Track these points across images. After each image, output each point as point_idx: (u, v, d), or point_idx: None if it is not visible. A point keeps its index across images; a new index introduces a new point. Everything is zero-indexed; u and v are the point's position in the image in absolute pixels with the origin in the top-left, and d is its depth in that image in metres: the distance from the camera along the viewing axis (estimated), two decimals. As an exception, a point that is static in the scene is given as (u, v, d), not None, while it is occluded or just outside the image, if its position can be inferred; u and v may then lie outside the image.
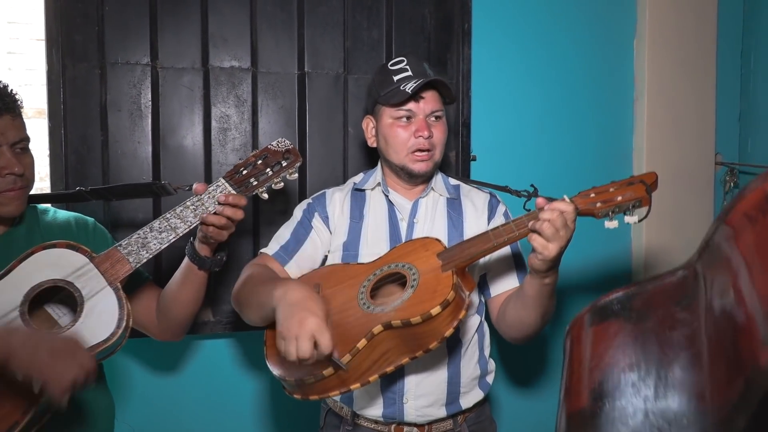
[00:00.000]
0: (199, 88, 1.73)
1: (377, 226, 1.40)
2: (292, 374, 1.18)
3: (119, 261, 1.19)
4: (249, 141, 1.76)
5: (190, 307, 1.35)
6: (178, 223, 1.23)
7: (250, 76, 1.76)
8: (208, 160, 1.74)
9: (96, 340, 1.11)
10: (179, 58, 1.71)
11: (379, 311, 1.18)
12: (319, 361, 1.11)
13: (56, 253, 1.16)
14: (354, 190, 1.47)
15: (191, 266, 1.30)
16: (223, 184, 1.27)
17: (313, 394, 1.20)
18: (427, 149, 1.36)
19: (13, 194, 1.17)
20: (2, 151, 1.14)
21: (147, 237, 1.21)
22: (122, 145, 1.68)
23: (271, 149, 1.32)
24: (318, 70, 1.81)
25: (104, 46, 1.66)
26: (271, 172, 1.30)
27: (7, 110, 1.14)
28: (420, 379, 1.33)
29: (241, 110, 1.76)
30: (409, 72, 1.36)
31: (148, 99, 1.69)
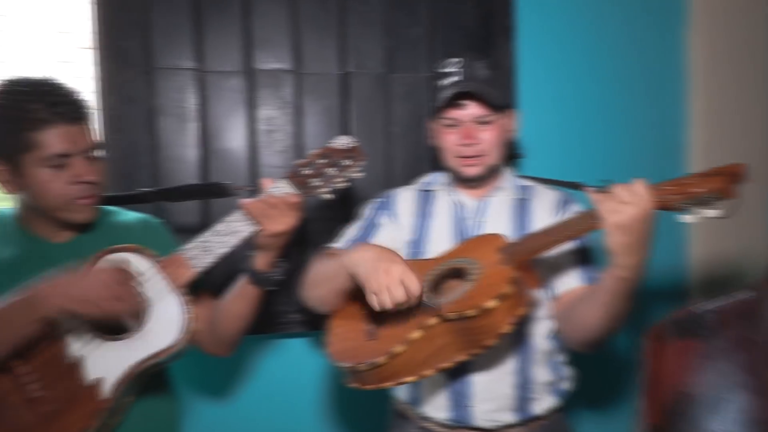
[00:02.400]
0: (243, 91, 1.74)
1: (443, 226, 1.38)
2: (349, 360, 1.19)
3: (183, 265, 1.17)
4: (294, 142, 1.77)
5: (238, 322, 1.30)
6: (240, 226, 1.20)
7: (293, 78, 1.76)
8: (254, 163, 1.74)
9: (162, 346, 1.11)
10: (223, 62, 1.73)
11: (436, 304, 1.18)
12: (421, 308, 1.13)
13: (123, 257, 1.16)
14: (421, 190, 1.46)
15: (245, 278, 1.27)
16: (285, 185, 1.22)
17: (369, 383, 1.19)
18: (473, 155, 1.34)
19: (86, 202, 1.17)
20: (75, 160, 1.14)
21: (210, 241, 1.19)
22: (170, 150, 1.70)
23: (333, 148, 1.25)
24: (360, 69, 1.80)
25: (151, 52, 1.69)
26: (333, 171, 1.24)
27: (79, 119, 1.14)
28: (487, 382, 1.30)
29: (285, 112, 1.76)
30: (457, 77, 1.34)
31: (194, 103, 1.71)
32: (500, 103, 1.35)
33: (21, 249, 1.20)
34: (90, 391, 1.08)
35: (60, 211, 1.17)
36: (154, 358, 1.11)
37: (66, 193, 1.15)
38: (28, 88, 1.12)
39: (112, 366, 1.09)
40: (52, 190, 1.14)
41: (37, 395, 1.07)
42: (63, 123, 1.11)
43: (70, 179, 1.14)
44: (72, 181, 1.14)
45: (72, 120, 1.12)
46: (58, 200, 1.15)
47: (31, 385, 1.08)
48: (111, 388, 1.09)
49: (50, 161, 1.12)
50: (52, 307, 1.03)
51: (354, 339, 1.25)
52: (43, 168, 1.12)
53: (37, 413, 1.07)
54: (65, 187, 1.14)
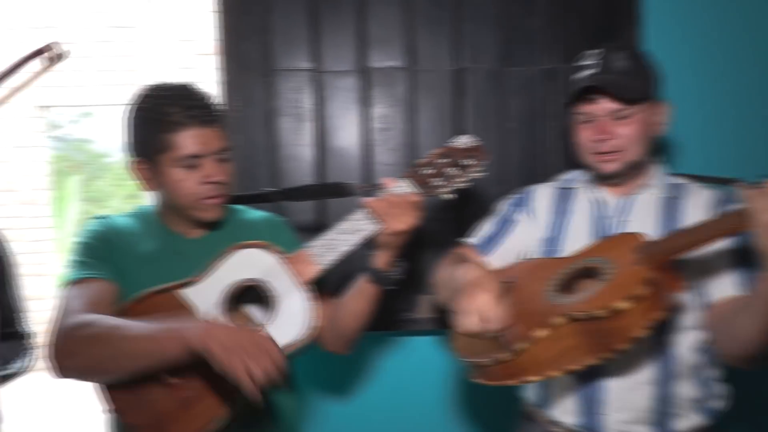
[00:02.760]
0: (357, 89, 1.75)
1: (582, 224, 1.32)
2: (472, 355, 1.19)
3: (307, 262, 1.20)
4: (408, 140, 1.76)
5: (357, 320, 1.29)
6: (363, 225, 1.21)
7: (406, 75, 1.75)
8: (369, 161, 1.76)
9: (287, 341, 1.13)
10: (338, 62, 1.75)
11: (564, 303, 1.13)
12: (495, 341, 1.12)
13: (251, 253, 1.20)
14: (560, 188, 1.41)
15: (365, 277, 1.27)
16: (406, 184, 1.22)
17: (491, 379, 1.18)
18: (609, 151, 1.26)
19: (213, 202, 1.22)
20: (206, 161, 1.19)
21: (333, 239, 1.21)
22: (287, 149, 1.75)
23: (455, 147, 1.23)
24: (474, 65, 1.76)
25: (269, 55, 1.74)
26: (454, 171, 1.23)
27: (211, 121, 1.19)
28: (622, 390, 1.22)
29: (399, 110, 1.76)
30: (592, 69, 1.27)
31: (310, 103, 1.74)
32: (638, 96, 1.25)
33: (160, 243, 1.27)
34: (222, 381, 1.12)
35: (191, 210, 1.24)
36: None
37: (196, 192, 1.20)
38: (167, 92, 1.19)
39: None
40: (184, 188, 1.20)
41: (174, 381, 1.12)
42: (196, 126, 1.17)
43: (201, 179, 1.19)
44: (202, 181, 1.19)
45: (205, 123, 1.18)
46: (189, 199, 1.21)
47: (172, 372, 1.12)
48: None
49: (183, 161, 1.18)
50: (200, 343, 1.02)
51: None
52: (176, 168, 1.18)
53: (175, 398, 1.13)
54: (196, 186, 1.20)
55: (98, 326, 1.09)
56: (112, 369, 1.10)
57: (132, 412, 1.14)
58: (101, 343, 1.08)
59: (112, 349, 1.07)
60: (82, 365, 1.10)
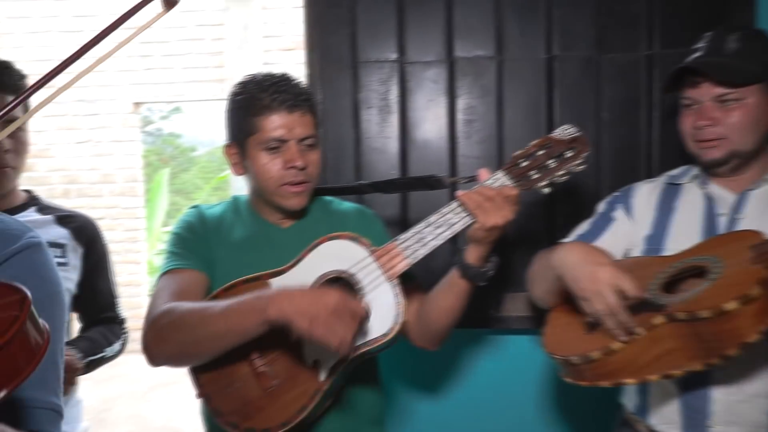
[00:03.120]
0: (443, 80, 1.72)
1: (689, 221, 1.24)
2: (564, 351, 1.13)
3: (396, 255, 1.17)
4: (494, 132, 1.71)
5: (446, 316, 1.26)
6: (454, 218, 1.17)
7: (495, 65, 1.70)
8: (453, 154, 1.72)
9: (375, 335, 1.12)
10: (425, 52, 1.72)
11: (665, 302, 1.06)
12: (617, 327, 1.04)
13: (340, 245, 1.19)
14: (666, 184, 1.33)
15: (456, 272, 1.23)
16: (501, 177, 1.18)
17: (583, 379, 1.12)
18: (711, 138, 1.17)
19: (294, 189, 1.23)
20: (289, 146, 1.21)
21: (424, 232, 1.18)
22: (372, 141, 1.74)
23: (554, 138, 1.18)
24: (567, 52, 1.68)
25: (356, 47, 1.73)
26: (554, 163, 1.16)
27: (297, 107, 1.20)
28: (731, 402, 1.13)
29: (486, 100, 1.71)
30: (700, 52, 1.19)
31: (396, 95, 1.72)
32: (746, 80, 1.15)
33: (252, 231, 1.30)
34: (309, 371, 1.12)
35: (274, 196, 1.25)
36: (366, 347, 1.12)
37: (279, 176, 1.22)
38: (260, 79, 1.23)
39: (328, 350, 1.12)
40: (267, 172, 1.22)
41: (262, 370, 1.14)
42: (282, 110, 1.20)
43: (284, 164, 1.21)
44: (285, 166, 1.21)
45: (291, 108, 1.20)
46: (272, 183, 1.23)
47: (258, 359, 1.14)
48: (327, 371, 1.12)
49: (267, 144, 1.21)
50: (277, 311, 1.03)
51: (571, 331, 1.18)
52: (261, 151, 1.22)
53: (262, 387, 1.14)
54: (279, 171, 1.22)
55: (179, 312, 1.12)
56: (197, 352, 1.13)
57: (219, 398, 1.16)
58: (184, 328, 1.10)
59: (194, 333, 1.10)
60: (170, 352, 1.14)
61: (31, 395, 0.77)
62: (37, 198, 1.49)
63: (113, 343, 1.51)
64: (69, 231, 1.45)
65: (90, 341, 1.45)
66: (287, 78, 1.24)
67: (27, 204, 1.44)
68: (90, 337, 1.47)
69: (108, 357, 1.50)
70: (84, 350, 1.41)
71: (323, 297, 1.02)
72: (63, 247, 1.43)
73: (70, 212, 1.50)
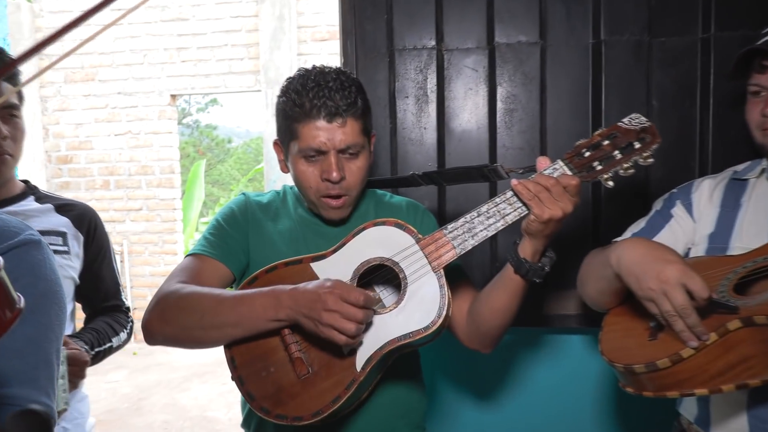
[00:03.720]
0: (483, 68, 1.64)
1: (757, 218, 1.15)
2: (624, 358, 1.05)
3: (444, 245, 1.10)
4: (536, 122, 1.63)
5: (499, 315, 1.16)
6: (508, 208, 1.08)
7: (538, 51, 1.61)
8: (493, 144, 1.64)
9: (415, 327, 1.06)
10: (464, 39, 1.65)
11: (739, 305, 0.97)
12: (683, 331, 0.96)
13: (385, 231, 1.14)
14: (731, 179, 1.23)
15: (509, 267, 1.13)
16: (561, 166, 1.08)
17: (648, 389, 1.02)
18: None
19: (333, 203, 1.19)
20: (327, 156, 1.15)
21: (474, 222, 1.10)
22: (409, 132, 1.68)
23: (622, 127, 1.08)
24: (615, 36, 1.59)
25: (392, 34, 1.67)
26: (619, 154, 1.06)
27: (338, 115, 1.13)
28: None
29: (529, 88, 1.63)
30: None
31: (434, 83, 1.66)
32: None
33: (297, 221, 1.27)
34: (344, 361, 1.08)
35: (314, 205, 1.23)
36: (405, 339, 1.06)
37: (317, 187, 1.18)
38: (307, 80, 1.16)
39: (366, 339, 1.08)
40: (306, 181, 1.19)
41: (297, 356, 1.10)
42: (321, 119, 1.13)
43: (321, 174, 1.16)
44: (322, 177, 1.16)
45: (331, 117, 1.13)
46: (311, 193, 1.20)
47: (293, 345, 1.10)
48: (362, 362, 1.07)
49: (305, 153, 1.16)
50: (285, 312, 1.05)
51: (632, 336, 1.09)
52: (300, 158, 1.17)
53: (297, 373, 1.10)
54: (317, 181, 1.17)
55: (188, 294, 1.11)
56: (200, 338, 1.11)
57: (252, 381, 1.13)
58: (191, 312, 1.09)
59: (201, 319, 1.08)
60: (171, 334, 1.12)
61: (19, 393, 0.74)
62: (35, 188, 1.47)
63: (119, 332, 1.49)
64: (69, 219, 1.43)
65: (96, 332, 1.43)
66: (334, 80, 1.15)
67: (25, 193, 1.42)
68: (95, 328, 1.45)
69: (115, 347, 1.47)
70: (90, 342, 1.39)
71: (321, 295, 1.01)
72: (64, 236, 1.41)
73: (69, 201, 1.48)
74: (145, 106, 5.82)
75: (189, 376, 4.89)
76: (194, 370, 4.99)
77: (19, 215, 1.31)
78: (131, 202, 5.92)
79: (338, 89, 1.14)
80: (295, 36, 5.33)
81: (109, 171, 5.92)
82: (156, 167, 5.88)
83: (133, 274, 6.00)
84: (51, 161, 5.96)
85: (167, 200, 5.92)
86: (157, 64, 5.74)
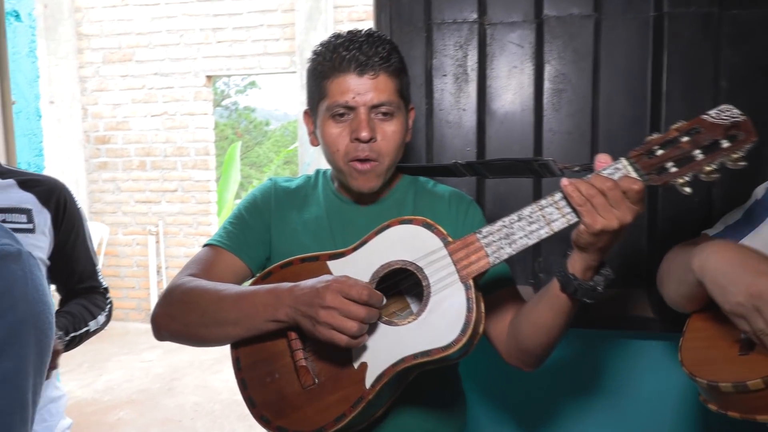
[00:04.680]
0: (530, 43, 1.50)
1: None
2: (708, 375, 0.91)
3: (476, 251, 0.95)
4: (587, 104, 1.48)
5: (539, 334, 1.02)
6: (555, 213, 0.91)
7: (592, 24, 1.46)
8: (539, 128, 1.50)
9: (434, 345, 0.92)
10: (509, 11, 1.50)
11: None
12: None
13: (411, 231, 1.00)
14: None
15: (555, 282, 0.98)
16: (624, 166, 0.89)
17: (734, 409, 0.89)
18: None
19: (360, 167, 1.08)
20: (357, 113, 1.05)
21: (513, 227, 0.94)
22: (446, 114, 1.54)
23: (707, 121, 0.87)
24: (680, 8, 1.42)
25: (430, 6, 1.53)
26: (701, 155, 0.86)
27: (370, 68, 1.04)
28: None
29: (580, 66, 1.47)
30: None
31: (475, 61, 1.52)
32: None
33: (325, 208, 1.18)
34: (353, 375, 0.97)
35: (343, 174, 1.11)
36: (422, 357, 0.93)
37: (346, 150, 1.07)
38: (338, 39, 1.08)
39: (378, 354, 0.96)
40: (334, 144, 1.08)
41: (302, 365, 1.00)
42: (351, 71, 1.04)
43: (350, 134, 1.06)
44: (352, 137, 1.06)
45: (361, 69, 1.04)
46: (339, 158, 1.09)
47: (299, 351, 1.01)
48: (373, 378, 0.95)
49: (333, 110, 1.07)
50: (284, 313, 0.96)
51: (719, 348, 0.95)
52: (329, 118, 1.08)
53: (301, 383, 1.00)
54: (346, 143, 1.07)
55: (192, 288, 1.05)
56: (204, 335, 1.05)
57: (255, 386, 1.04)
58: (194, 308, 1.03)
59: (204, 316, 1.02)
60: (176, 330, 1.07)
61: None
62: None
63: (96, 315, 1.41)
64: (34, 195, 1.34)
65: (71, 316, 1.35)
66: (366, 37, 1.06)
67: None
68: (70, 311, 1.37)
69: (92, 331, 1.39)
70: (65, 327, 1.31)
71: (319, 291, 0.91)
72: (28, 213, 1.31)
73: (34, 175, 1.39)
74: (181, 87, 5.80)
75: (221, 358, 4.90)
76: (225, 352, 4.97)
77: None
78: (167, 183, 5.93)
79: (370, 43, 1.05)
80: (332, 16, 5.20)
81: (145, 152, 5.93)
82: (191, 149, 5.87)
83: (168, 255, 6.03)
84: (89, 141, 6.01)
85: (202, 182, 5.91)
86: (193, 44, 5.69)
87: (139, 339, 5.51)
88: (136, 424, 3.69)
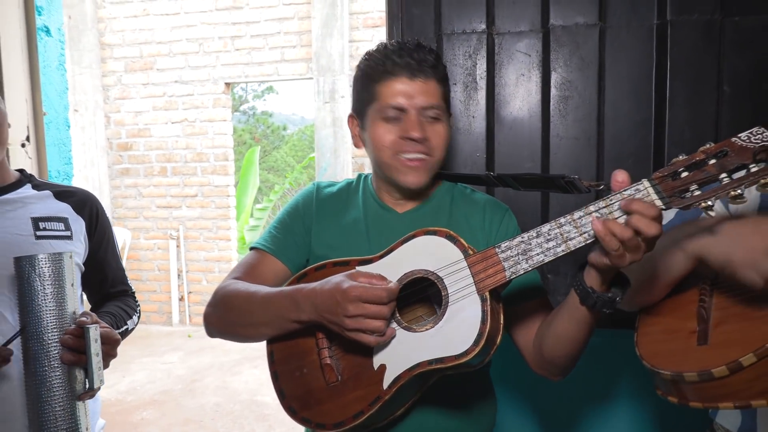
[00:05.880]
0: (537, 52, 1.55)
1: None
2: (670, 366, 0.92)
3: (494, 266, 0.96)
4: (593, 110, 1.52)
5: (563, 345, 1.03)
6: (573, 232, 0.91)
7: (597, 33, 1.51)
8: (546, 134, 1.55)
9: (448, 353, 0.96)
10: (517, 21, 1.55)
11: None
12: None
13: (435, 242, 1.03)
14: None
15: (574, 295, 0.98)
16: (646, 188, 0.86)
17: (693, 399, 0.90)
18: None
19: (411, 162, 1.13)
20: (408, 115, 1.11)
21: (531, 243, 0.94)
22: (456, 121, 1.60)
23: (736, 144, 0.82)
24: (683, 16, 1.46)
25: (440, 17, 1.59)
26: (727, 179, 0.82)
27: (421, 72, 1.11)
28: None
29: (586, 74, 1.52)
30: None
31: (484, 69, 1.57)
32: None
33: (364, 212, 1.22)
34: (373, 376, 1.02)
35: (390, 169, 1.16)
36: (436, 364, 0.97)
37: (396, 147, 1.13)
38: (387, 47, 1.15)
39: (396, 357, 1.01)
40: (384, 142, 1.14)
41: (327, 362, 1.06)
42: (403, 76, 1.11)
43: (401, 134, 1.12)
44: (402, 136, 1.12)
45: (413, 74, 1.11)
46: (386, 153, 1.14)
47: (325, 350, 1.07)
48: (390, 380, 1.01)
49: (385, 113, 1.13)
50: (307, 314, 1.03)
51: (677, 341, 0.96)
52: (379, 120, 1.14)
53: (326, 380, 1.06)
54: (395, 141, 1.13)
55: (231, 291, 1.13)
56: (244, 334, 1.14)
57: (285, 379, 1.12)
58: (233, 309, 1.12)
59: (240, 316, 1.11)
60: (221, 329, 1.16)
61: None
62: (31, 176, 1.46)
63: (132, 315, 1.48)
64: (69, 205, 1.42)
65: (112, 316, 1.42)
66: (415, 45, 1.13)
67: (21, 181, 1.40)
68: (110, 312, 1.44)
69: (130, 330, 1.47)
70: (111, 325, 1.37)
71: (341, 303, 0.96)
72: (65, 221, 1.39)
73: (67, 187, 1.47)
74: (201, 94, 5.91)
75: (241, 360, 4.98)
76: (246, 354, 5.08)
77: (17, 202, 1.32)
78: (187, 189, 6.05)
79: (421, 50, 1.12)
80: (347, 23, 5.28)
81: (166, 158, 6.06)
82: (211, 154, 5.98)
83: (188, 258, 6.15)
84: (112, 148, 6.15)
85: (221, 187, 6.02)
86: (212, 52, 5.81)
87: (160, 341, 5.63)
88: (159, 424, 3.78)
